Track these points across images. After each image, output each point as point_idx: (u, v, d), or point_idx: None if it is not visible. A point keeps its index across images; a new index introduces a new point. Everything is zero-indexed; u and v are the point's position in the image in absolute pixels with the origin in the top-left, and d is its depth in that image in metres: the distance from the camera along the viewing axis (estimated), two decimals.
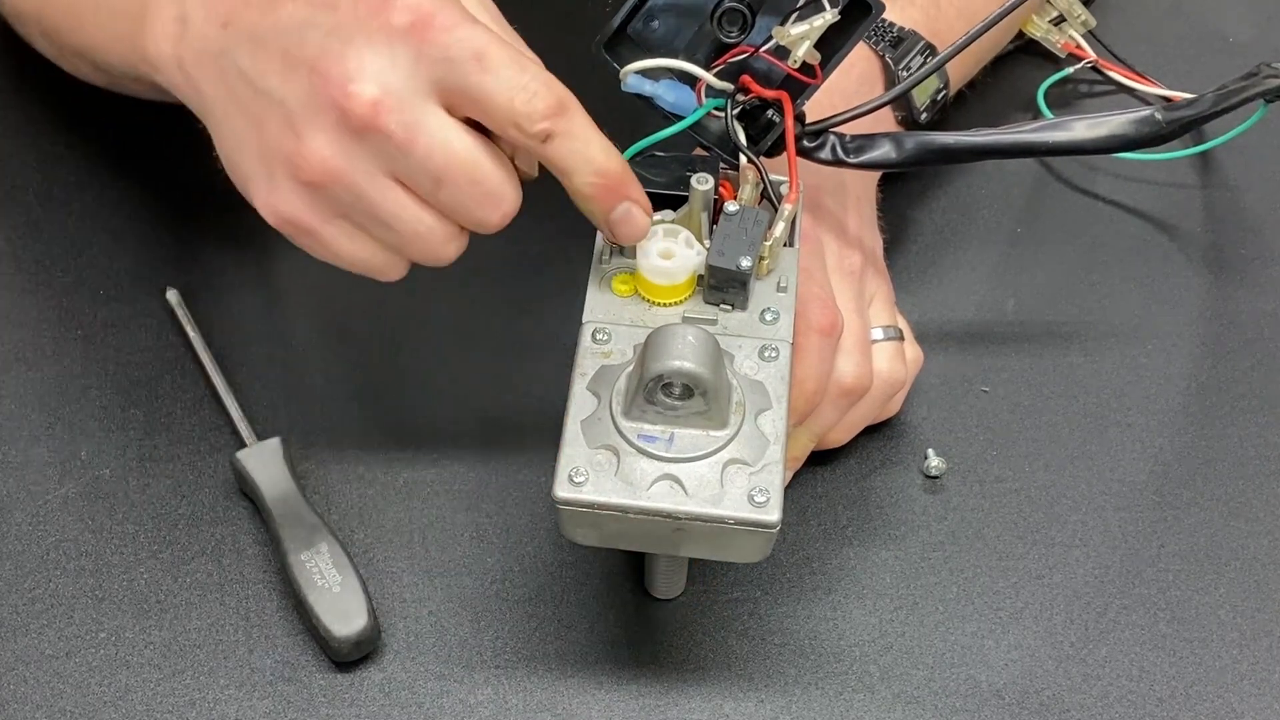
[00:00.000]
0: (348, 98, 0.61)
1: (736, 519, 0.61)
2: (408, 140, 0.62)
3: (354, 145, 0.62)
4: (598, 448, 0.63)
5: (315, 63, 0.62)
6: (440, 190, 0.63)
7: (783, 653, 0.70)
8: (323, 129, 0.62)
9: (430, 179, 0.63)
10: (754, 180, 0.68)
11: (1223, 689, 0.70)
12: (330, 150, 0.62)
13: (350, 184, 0.63)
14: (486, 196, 0.63)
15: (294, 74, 0.62)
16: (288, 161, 0.63)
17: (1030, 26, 0.98)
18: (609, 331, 0.66)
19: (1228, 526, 0.76)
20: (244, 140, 0.65)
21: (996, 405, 0.81)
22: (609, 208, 0.64)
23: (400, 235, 0.65)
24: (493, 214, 0.64)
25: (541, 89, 0.62)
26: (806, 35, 0.66)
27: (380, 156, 0.63)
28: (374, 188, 0.63)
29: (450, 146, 0.62)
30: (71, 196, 0.88)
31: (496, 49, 0.61)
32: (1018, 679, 0.70)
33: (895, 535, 0.75)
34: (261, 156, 0.64)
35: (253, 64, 0.63)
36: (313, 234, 0.65)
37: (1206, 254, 0.89)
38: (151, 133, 0.89)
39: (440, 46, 0.61)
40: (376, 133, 0.62)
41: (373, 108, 0.61)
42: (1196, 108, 0.74)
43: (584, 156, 0.63)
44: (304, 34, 0.62)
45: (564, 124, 0.62)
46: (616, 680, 0.69)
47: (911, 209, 0.90)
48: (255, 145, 0.64)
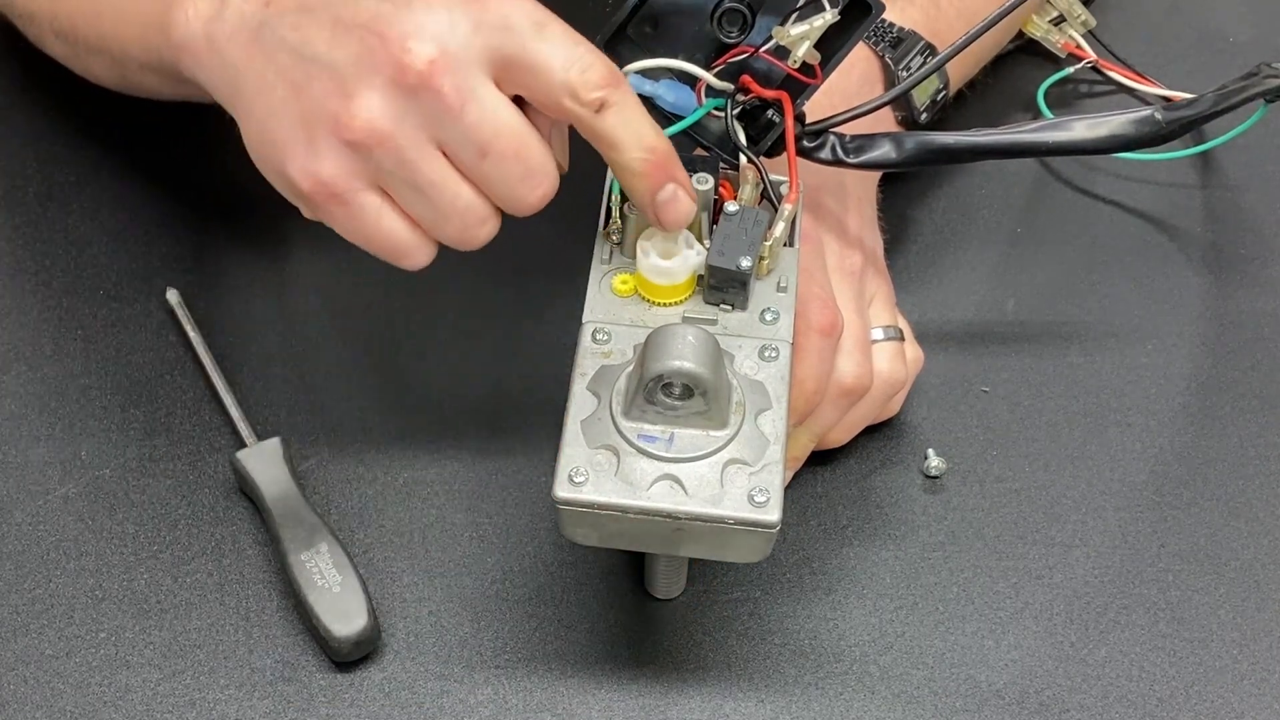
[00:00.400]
0: (405, 52, 0.61)
1: (736, 519, 0.61)
2: (459, 104, 0.62)
3: (404, 105, 0.62)
4: (598, 448, 0.63)
5: (371, 24, 0.62)
6: (484, 162, 0.63)
7: (783, 653, 0.70)
8: (374, 87, 0.62)
9: (476, 149, 0.63)
10: (754, 180, 0.68)
11: (1223, 689, 0.70)
12: (380, 109, 0.62)
13: (395, 147, 0.63)
14: (529, 173, 0.63)
15: (345, 36, 0.62)
16: (333, 120, 0.63)
17: (1030, 26, 0.98)
18: (609, 331, 0.66)
19: (1228, 526, 0.76)
20: (282, 108, 0.64)
21: (996, 405, 0.81)
22: (656, 186, 0.64)
23: (437, 209, 0.64)
24: (532, 193, 0.64)
25: (597, 61, 0.62)
26: (806, 35, 0.66)
27: (429, 120, 0.62)
28: (419, 153, 0.63)
29: (499, 116, 0.62)
30: (71, 196, 0.88)
31: (554, 21, 0.62)
32: (1018, 679, 0.70)
33: (895, 535, 0.75)
34: (303, 120, 0.64)
35: (298, 34, 0.63)
36: (346, 202, 0.64)
37: (1206, 254, 0.89)
38: (152, 133, 0.89)
39: (500, 14, 0.62)
40: (429, 92, 0.62)
41: (429, 65, 0.61)
42: (1196, 108, 0.74)
43: (635, 130, 0.63)
44: (358, 2, 0.63)
45: (618, 95, 0.63)
46: (616, 680, 0.69)
47: (911, 209, 0.90)
48: (295, 110, 0.64)
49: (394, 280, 0.81)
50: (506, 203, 0.64)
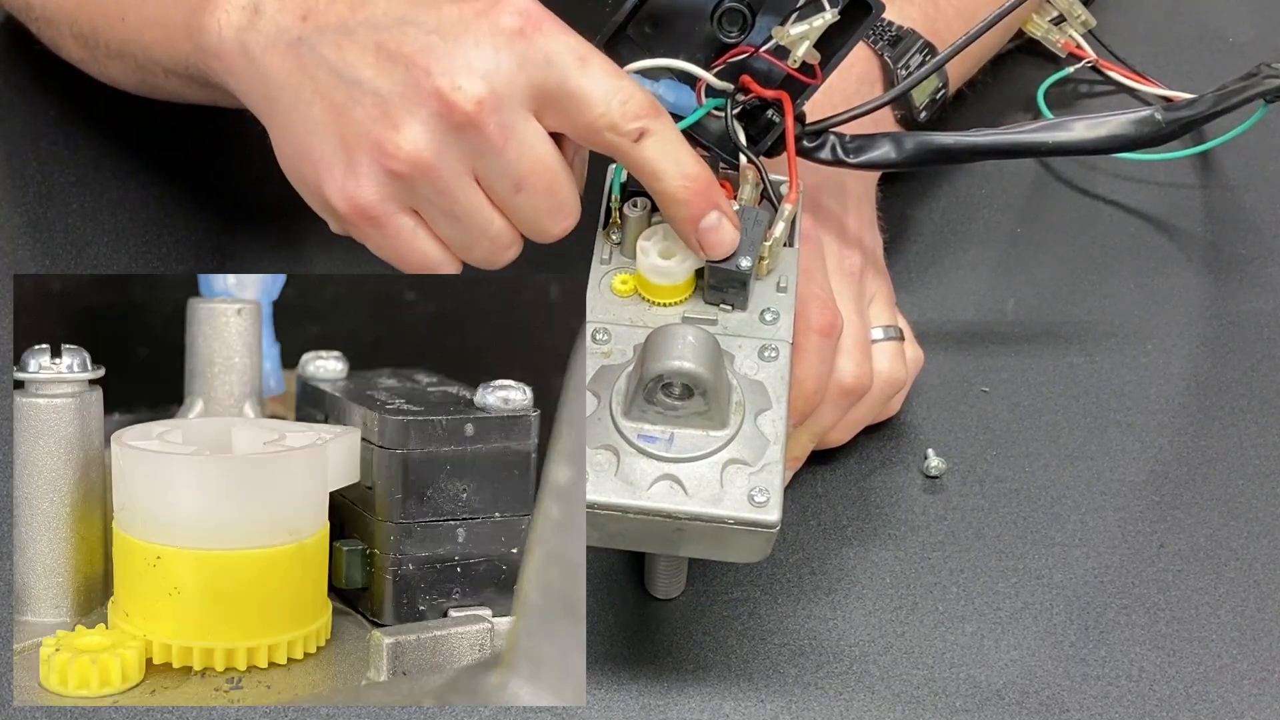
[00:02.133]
0: (455, 90, 0.62)
1: (736, 519, 0.61)
2: (501, 141, 0.63)
3: (448, 139, 0.63)
4: (598, 448, 0.63)
5: (416, 57, 0.63)
6: (518, 195, 0.64)
7: (783, 653, 0.70)
8: (419, 120, 0.63)
9: (512, 183, 0.64)
10: (754, 180, 0.68)
11: (1223, 689, 0.70)
12: (425, 141, 0.63)
13: (436, 177, 0.64)
14: (558, 207, 0.65)
15: (391, 66, 0.63)
16: (377, 147, 0.64)
17: (1030, 26, 0.98)
18: (609, 331, 0.66)
19: (1228, 526, 0.76)
20: (322, 126, 0.65)
21: (996, 405, 0.81)
22: (700, 214, 0.65)
23: (468, 235, 0.66)
24: (557, 225, 0.66)
25: (637, 93, 0.63)
26: (806, 35, 0.66)
27: (470, 154, 0.64)
28: (457, 184, 0.64)
29: (537, 153, 0.64)
30: (71, 196, 0.88)
31: (595, 54, 0.63)
32: (1018, 679, 0.70)
33: (895, 535, 0.75)
34: (344, 142, 0.64)
35: (339, 55, 0.64)
36: (382, 225, 0.65)
37: (1206, 254, 0.89)
38: (153, 134, 0.89)
39: (545, 50, 0.63)
40: (475, 130, 0.63)
41: (477, 105, 0.62)
42: (1196, 108, 0.74)
43: (675, 159, 0.64)
44: (403, 30, 0.64)
45: (658, 124, 0.64)
46: (616, 680, 0.69)
47: (911, 209, 0.90)
48: (336, 131, 0.65)
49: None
50: (532, 232, 0.66)
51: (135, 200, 0.87)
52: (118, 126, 0.90)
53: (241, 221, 0.86)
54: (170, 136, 0.89)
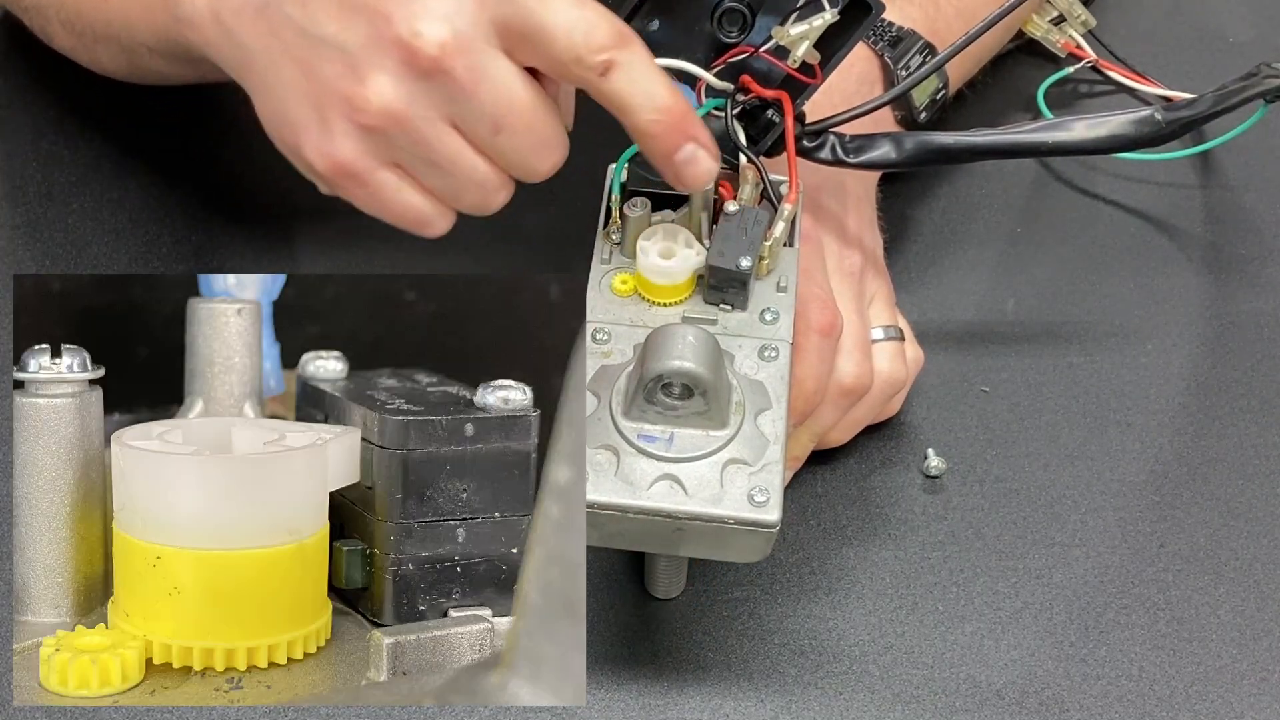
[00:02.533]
0: (416, 37, 0.61)
1: (736, 519, 0.61)
2: (472, 84, 0.62)
3: (417, 87, 0.62)
4: (598, 448, 0.63)
5: (376, 5, 0.62)
6: (498, 136, 0.63)
7: (783, 653, 0.70)
8: (385, 70, 0.62)
9: (489, 125, 0.63)
10: (754, 180, 0.68)
11: (1223, 689, 0.70)
12: (393, 92, 0.62)
13: (410, 127, 0.63)
14: (542, 144, 0.64)
15: (353, 17, 0.62)
16: (346, 103, 0.63)
17: (1030, 26, 0.98)
18: (609, 331, 0.66)
19: (1228, 526, 0.76)
20: (294, 88, 0.64)
21: (996, 405, 0.81)
22: (673, 147, 0.63)
23: (454, 182, 0.64)
24: (544, 162, 0.64)
25: (602, 21, 0.62)
26: (806, 35, 0.66)
27: (442, 100, 0.62)
28: (433, 132, 0.63)
29: (512, 91, 0.62)
30: (71, 196, 0.88)
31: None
32: (1018, 679, 0.70)
33: (895, 535, 0.75)
34: (315, 102, 0.64)
35: (303, 12, 0.63)
36: (364, 182, 0.64)
37: (1206, 254, 0.89)
38: (153, 134, 0.89)
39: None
40: (442, 75, 0.62)
41: (440, 49, 0.61)
42: (1196, 108, 0.74)
43: (646, 91, 0.62)
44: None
45: (625, 55, 0.62)
46: (616, 680, 0.69)
47: (911, 209, 0.90)
48: (307, 91, 0.64)
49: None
50: (519, 172, 0.65)
51: (135, 200, 0.87)
52: (118, 127, 0.90)
53: (241, 221, 0.86)
54: (170, 137, 0.89)
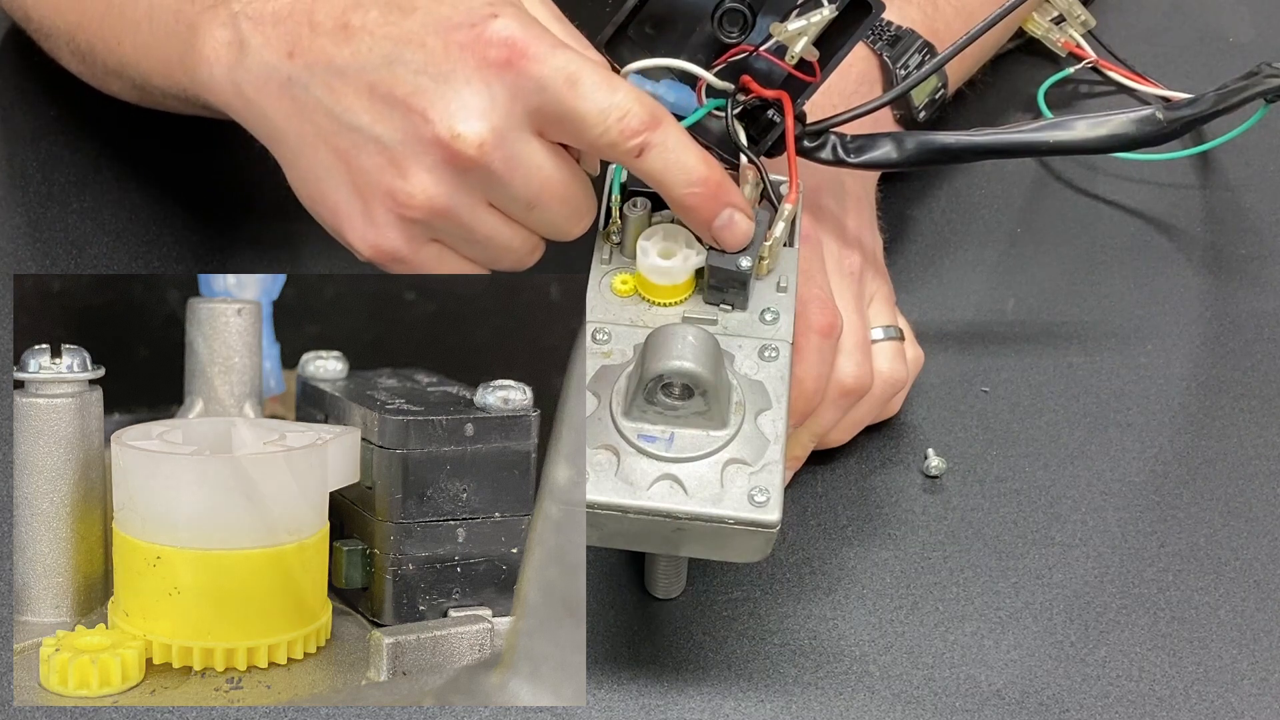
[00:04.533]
0: (455, 139, 0.62)
1: (736, 519, 0.61)
2: (508, 172, 0.63)
3: (457, 181, 0.64)
4: (598, 448, 0.63)
5: (411, 101, 0.63)
6: (532, 212, 0.65)
7: (783, 653, 0.70)
8: (426, 167, 0.63)
9: (524, 204, 0.65)
10: (754, 180, 0.68)
11: (1223, 689, 0.70)
12: (435, 188, 0.63)
13: (452, 216, 0.64)
14: (574, 213, 0.66)
15: (387, 111, 0.63)
16: (389, 198, 0.64)
17: (1031, 25, 0.98)
18: (609, 331, 0.66)
19: (1228, 526, 0.76)
20: (333, 173, 0.65)
21: (996, 405, 0.81)
22: (711, 216, 0.65)
23: (492, 253, 0.66)
24: (576, 227, 0.66)
25: (634, 106, 0.63)
26: (804, 31, 0.66)
27: (481, 189, 0.64)
28: (473, 217, 0.65)
29: (545, 172, 0.64)
30: (71, 196, 0.88)
31: (588, 72, 0.63)
32: (1018, 679, 0.70)
33: (895, 535, 0.75)
34: (356, 190, 0.65)
35: (333, 98, 0.64)
36: (408, 262, 0.66)
37: (1206, 254, 0.89)
38: (153, 134, 0.89)
39: (535, 78, 0.62)
40: (483, 170, 0.63)
41: (480, 149, 0.62)
42: (1196, 108, 0.73)
43: (680, 167, 0.64)
44: (392, 70, 0.63)
45: (658, 137, 0.63)
46: (616, 680, 0.69)
47: (911, 209, 0.90)
48: (347, 179, 0.65)
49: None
50: (553, 236, 0.67)
51: (135, 200, 0.87)
52: (118, 127, 0.90)
53: (241, 222, 0.86)
54: (170, 137, 0.89)
